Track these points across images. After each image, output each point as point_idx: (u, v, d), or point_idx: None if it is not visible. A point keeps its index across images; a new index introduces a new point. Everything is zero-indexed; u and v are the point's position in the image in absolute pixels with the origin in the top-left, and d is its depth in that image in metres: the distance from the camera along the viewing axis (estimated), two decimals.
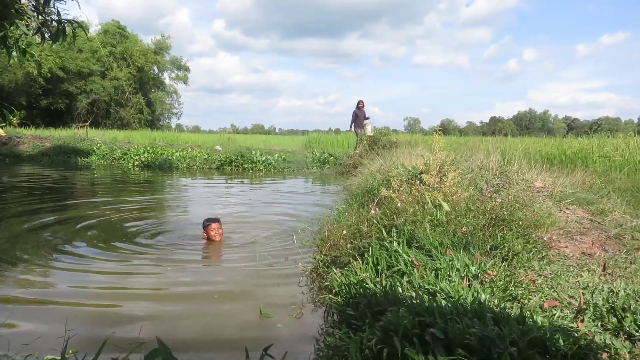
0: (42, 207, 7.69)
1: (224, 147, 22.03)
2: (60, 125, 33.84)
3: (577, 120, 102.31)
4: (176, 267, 4.40)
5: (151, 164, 17.08)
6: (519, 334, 1.98)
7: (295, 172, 16.05)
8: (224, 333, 3.03)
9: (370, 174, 8.00)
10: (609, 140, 11.25)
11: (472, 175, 6.08)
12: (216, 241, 5.26)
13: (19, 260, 4.47)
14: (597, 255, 3.75)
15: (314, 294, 3.67)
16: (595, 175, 7.82)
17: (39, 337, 2.72)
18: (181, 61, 50.62)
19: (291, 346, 2.68)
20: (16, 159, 18.25)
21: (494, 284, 2.82)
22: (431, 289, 2.76)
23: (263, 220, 7.04)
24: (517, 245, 3.55)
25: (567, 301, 2.64)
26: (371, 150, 13.81)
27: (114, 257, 4.66)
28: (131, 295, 3.66)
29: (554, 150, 11.50)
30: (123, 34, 45.43)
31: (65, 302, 3.42)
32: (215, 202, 8.97)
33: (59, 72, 37.41)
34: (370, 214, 4.36)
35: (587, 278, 3.10)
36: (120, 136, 27.41)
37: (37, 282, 3.89)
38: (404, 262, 3.26)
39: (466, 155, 8.26)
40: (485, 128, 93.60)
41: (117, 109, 44.08)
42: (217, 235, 5.26)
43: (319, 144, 25.88)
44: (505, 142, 13.42)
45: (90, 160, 18.23)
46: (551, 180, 6.73)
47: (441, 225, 3.86)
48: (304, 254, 4.60)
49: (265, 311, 3.26)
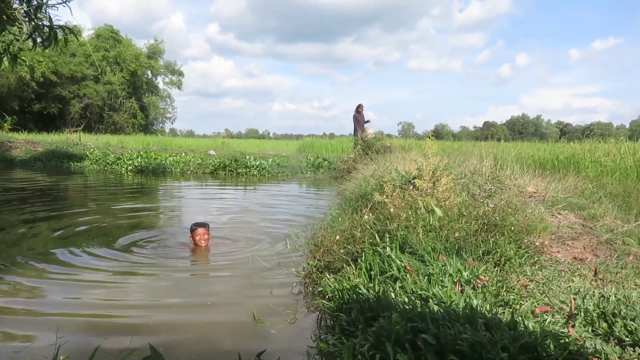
0: (33, 213, 7.63)
1: (217, 152, 22.01)
2: (53, 129, 33.75)
3: (570, 125, 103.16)
4: (168, 275, 4.38)
5: (144, 169, 17.02)
6: (511, 339, 1.99)
7: (289, 177, 16.05)
8: (218, 339, 3.02)
9: (363, 179, 8.01)
10: (601, 146, 11.32)
11: (465, 180, 6.11)
12: (202, 246, 5.24)
13: (9, 267, 4.43)
14: (589, 260, 3.77)
15: (307, 299, 3.67)
16: (587, 180, 7.87)
17: (30, 345, 2.70)
18: (175, 66, 50.63)
19: (284, 352, 2.69)
20: (8, 163, 18.11)
21: (486, 289, 2.83)
22: (424, 294, 2.76)
23: (256, 225, 7.03)
24: (509, 250, 3.56)
25: (559, 306, 2.66)
26: (365, 155, 13.84)
27: (105, 265, 4.62)
28: (122, 304, 3.63)
29: (547, 155, 11.57)
30: (116, 38, 45.37)
31: (55, 311, 3.39)
32: (208, 208, 8.95)
33: (52, 77, 37.30)
34: (363, 219, 4.36)
35: (579, 283, 3.12)
36: (114, 141, 27.32)
37: (27, 290, 3.86)
38: (397, 267, 3.26)
39: (459, 160, 8.31)
40: (479, 133, 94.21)
41: (110, 113, 43.96)
42: (202, 241, 5.24)
43: (313, 148, 25.87)
44: (498, 147, 13.52)
45: (83, 165, 18.13)
46: (543, 185, 6.77)
47: (434, 230, 3.88)
48: (297, 260, 4.60)
49: (259, 317, 3.25)
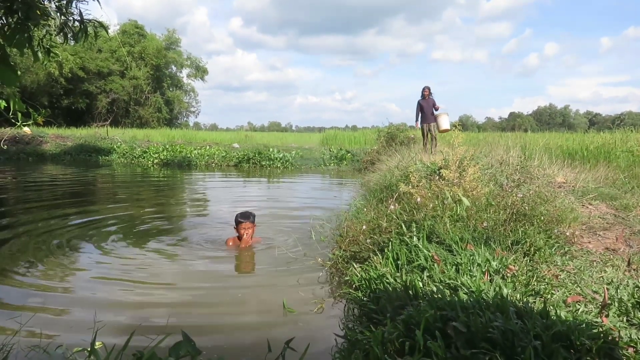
0: (67, 205, 7.85)
1: (241, 145, 22.19)
2: (81, 124, 34.51)
3: (599, 115, 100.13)
4: (199, 264, 4.47)
5: (170, 162, 17.30)
6: (543, 328, 1.96)
7: (312, 169, 16.09)
8: (248, 327, 3.07)
9: (388, 170, 7.98)
10: (633, 135, 11.01)
11: (492, 170, 6.02)
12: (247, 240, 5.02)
13: (47, 257, 4.58)
14: (621, 250, 3.69)
15: (333, 288, 3.69)
16: (618, 170, 7.67)
17: (69, 329, 2.80)
18: (199, 61, 50.90)
19: (313, 340, 2.71)
20: (39, 157, 18.66)
21: (516, 279, 2.80)
22: (452, 283, 2.75)
23: (282, 216, 7.09)
24: (539, 240, 3.51)
25: (591, 296, 2.61)
26: (389, 147, 13.76)
27: (139, 256, 4.73)
28: (157, 292, 3.72)
29: (576, 146, 11.32)
30: (141, 33, 45.94)
31: (92, 299, 3.50)
32: (234, 200, 9.05)
33: (80, 72, 38.05)
34: (389, 209, 4.35)
35: (611, 273, 3.06)
36: (140, 135, 27.80)
37: (66, 275, 3.99)
38: (424, 257, 3.25)
39: (485, 150, 8.19)
40: (504, 124, 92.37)
41: (136, 107, 44.67)
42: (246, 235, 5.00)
43: (336, 140, 25.82)
44: (525, 138, 13.26)
45: (110, 159, 18.55)
46: (573, 176, 6.62)
47: (461, 220, 3.84)
48: (322, 250, 4.62)
49: (288, 306, 3.29)
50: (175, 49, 48.43)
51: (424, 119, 11.62)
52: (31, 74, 35.69)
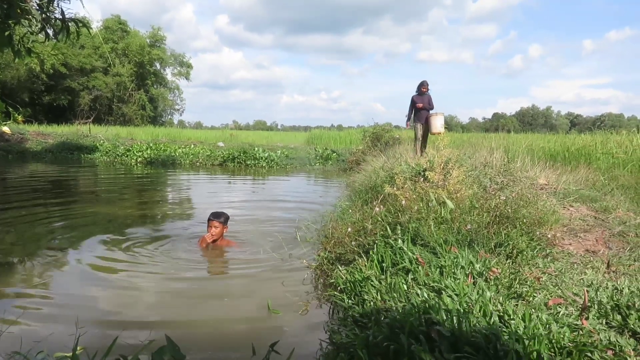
0: (47, 205, 7.72)
1: (226, 144, 22.07)
2: (63, 121, 33.89)
3: (580, 117, 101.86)
4: (183, 266, 4.42)
5: (154, 161, 17.12)
6: (524, 331, 2.00)
7: (297, 169, 16.07)
8: (232, 329, 3.06)
9: (373, 171, 8.01)
10: (613, 137, 11.20)
11: (476, 172, 6.09)
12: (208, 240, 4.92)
13: (27, 259, 4.50)
14: (601, 252, 3.76)
15: (318, 290, 3.69)
16: (598, 172, 7.81)
17: (50, 335, 2.75)
18: (183, 57, 50.50)
19: (298, 343, 2.71)
20: (20, 155, 18.27)
21: (498, 282, 2.83)
22: (436, 286, 2.77)
23: (266, 216, 7.06)
24: (521, 242, 3.56)
25: (572, 299, 2.66)
26: (374, 147, 13.81)
27: (121, 257, 4.67)
28: (139, 295, 3.67)
29: (557, 147, 11.47)
30: (124, 29, 45.33)
31: (74, 302, 3.45)
32: (218, 200, 8.99)
33: (62, 69, 37.40)
34: (374, 211, 4.37)
35: (591, 275, 3.12)
36: (123, 132, 27.45)
37: (46, 281, 3.92)
38: (409, 259, 3.28)
39: (469, 152, 8.27)
40: (488, 124, 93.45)
41: (119, 105, 44.08)
42: (210, 234, 4.93)
43: (321, 140, 25.85)
44: (508, 139, 13.44)
45: (93, 157, 18.27)
46: (555, 177, 6.73)
47: (446, 222, 3.88)
48: (308, 251, 4.62)
49: (273, 307, 3.28)
50: (160, 47, 47.91)
51: (417, 117, 10.31)
52: (11, 70, 34.99)
